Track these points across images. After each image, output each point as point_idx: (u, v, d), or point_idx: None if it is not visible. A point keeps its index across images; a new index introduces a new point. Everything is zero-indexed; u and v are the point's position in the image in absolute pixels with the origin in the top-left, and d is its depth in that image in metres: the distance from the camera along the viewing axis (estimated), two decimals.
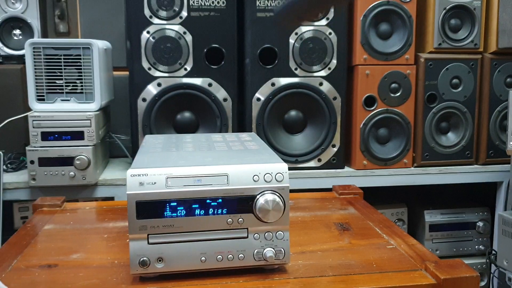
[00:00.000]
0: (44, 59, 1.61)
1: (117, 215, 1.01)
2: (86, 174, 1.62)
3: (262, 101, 1.74)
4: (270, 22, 1.72)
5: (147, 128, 1.70)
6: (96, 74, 1.63)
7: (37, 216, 1.00)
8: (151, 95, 1.69)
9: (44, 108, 1.63)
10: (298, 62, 1.75)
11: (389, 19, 1.81)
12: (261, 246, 0.71)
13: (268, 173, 0.70)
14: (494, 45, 1.86)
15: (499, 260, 1.66)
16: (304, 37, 1.74)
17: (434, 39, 1.83)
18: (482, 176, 1.91)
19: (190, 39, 1.70)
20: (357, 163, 1.83)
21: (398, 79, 1.82)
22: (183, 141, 0.91)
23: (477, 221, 2.01)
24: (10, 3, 1.88)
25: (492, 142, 1.92)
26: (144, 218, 0.67)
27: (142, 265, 0.68)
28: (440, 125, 1.89)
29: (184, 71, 1.70)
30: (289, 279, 0.71)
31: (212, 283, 0.69)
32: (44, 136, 1.59)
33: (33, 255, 0.80)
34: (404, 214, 2.02)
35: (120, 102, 1.93)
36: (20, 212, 1.94)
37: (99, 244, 0.85)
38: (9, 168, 1.79)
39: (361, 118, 1.81)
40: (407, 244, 0.85)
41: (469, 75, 1.87)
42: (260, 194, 0.70)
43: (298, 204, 1.10)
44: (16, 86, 1.83)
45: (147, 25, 1.67)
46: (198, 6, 1.68)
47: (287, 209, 0.71)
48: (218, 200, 0.69)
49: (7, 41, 1.89)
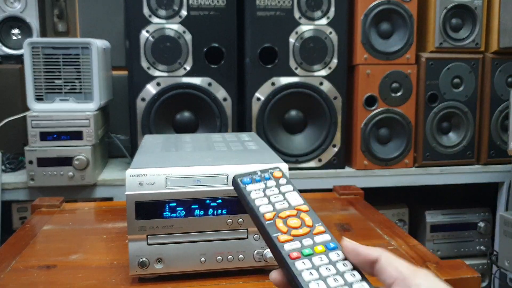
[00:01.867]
0: (43, 59, 1.61)
1: (116, 215, 1.01)
2: (85, 174, 1.61)
3: (262, 101, 1.73)
4: (270, 21, 1.71)
5: (146, 128, 1.69)
6: (95, 73, 1.62)
7: (35, 217, 0.99)
8: (151, 95, 1.69)
9: (43, 108, 1.62)
10: (299, 61, 1.74)
11: (390, 19, 1.81)
12: (261, 247, 0.70)
13: None
14: (495, 45, 1.86)
15: (500, 261, 1.66)
16: (305, 36, 1.74)
17: (435, 38, 1.82)
18: (483, 176, 1.90)
19: (190, 38, 1.69)
20: (358, 163, 1.82)
21: (399, 78, 1.81)
22: (183, 141, 0.91)
23: (478, 222, 2.00)
24: (9, 3, 1.87)
25: (493, 142, 1.91)
26: (143, 218, 0.67)
27: (141, 266, 0.67)
28: (441, 125, 1.89)
29: (183, 71, 1.70)
30: None
31: (211, 284, 0.69)
32: (42, 136, 1.59)
33: (31, 256, 0.79)
34: (405, 214, 2.01)
35: (119, 102, 1.92)
36: (19, 212, 1.94)
37: (98, 245, 0.84)
38: (8, 168, 1.78)
39: (362, 118, 1.80)
40: (408, 244, 0.84)
41: (470, 74, 1.86)
42: None
43: None
44: (14, 86, 1.82)
45: (146, 24, 1.67)
46: (198, 5, 1.68)
47: None
48: (218, 201, 0.68)
49: (5, 40, 1.88)
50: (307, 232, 0.44)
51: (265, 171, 0.50)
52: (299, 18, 1.73)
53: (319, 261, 0.42)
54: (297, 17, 1.72)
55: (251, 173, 0.49)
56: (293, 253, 0.42)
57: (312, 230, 0.44)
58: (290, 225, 0.44)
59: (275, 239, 0.43)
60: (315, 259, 0.42)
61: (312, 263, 0.41)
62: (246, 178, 0.49)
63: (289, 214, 0.45)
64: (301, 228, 0.44)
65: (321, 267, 0.41)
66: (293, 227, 0.44)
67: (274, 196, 0.47)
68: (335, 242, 0.44)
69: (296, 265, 0.41)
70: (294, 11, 1.72)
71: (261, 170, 0.50)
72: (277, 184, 0.49)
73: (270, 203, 0.47)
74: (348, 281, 0.40)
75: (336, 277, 0.41)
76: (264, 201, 0.47)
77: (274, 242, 0.43)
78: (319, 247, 0.43)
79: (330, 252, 0.43)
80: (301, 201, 0.47)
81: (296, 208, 0.46)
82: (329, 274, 0.41)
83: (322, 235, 0.44)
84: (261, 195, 0.47)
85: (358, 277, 0.41)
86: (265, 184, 0.49)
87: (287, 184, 0.49)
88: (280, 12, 1.71)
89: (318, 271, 0.41)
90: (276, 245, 0.43)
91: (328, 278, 0.40)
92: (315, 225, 0.45)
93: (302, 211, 0.46)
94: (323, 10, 1.74)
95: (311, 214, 0.46)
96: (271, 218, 0.45)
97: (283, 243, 0.43)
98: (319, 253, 0.42)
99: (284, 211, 0.46)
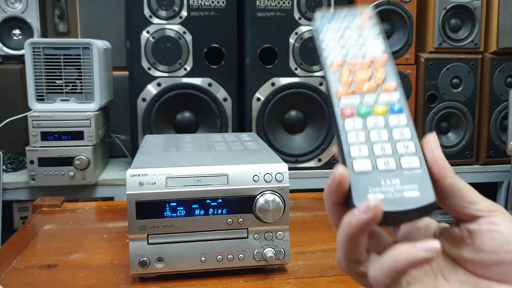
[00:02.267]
0: (43, 59, 1.61)
1: (116, 215, 1.01)
2: (85, 174, 1.62)
3: (262, 101, 1.74)
4: (270, 21, 1.72)
5: (147, 128, 1.70)
6: (96, 74, 1.63)
7: (36, 216, 0.99)
8: (151, 95, 1.69)
9: (44, 108, 1.63)
10: (298, 62, 1.75)
11: (389, 19, 1.81)
12: (261, 246, 0.71)
13: (268, 173, 0.70)
14: (494, 45, 1.86)
15: None
16: (304, 37, 1.74)
17: (435, 39, 1.83)
18: (483, 176, 1.91)
19: (190, 39, 1.69)
20: None
21: None
22: (183, 141, 0.91)
23: None
24: (10, 3, 1.88)
25: (492, 142, 1.91)
26: (144, 218, 0.67)
27: (142, 265, 0.68)
28: (441, 125, 1.89)
29: (184, 71, 1.70)
30: (289, 279, 0.71)
31: (212, 283, 0.69)
32: (43, 136, 1.59)
33: (32, 255, 0.79)
34: None
35: (120, 102, 1.92)
36: (20, 212, 1.94)
37: (98, 244, 0.84)
38: (9, 168, 1.79)
39: None
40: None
41: (469, 75, 1.87)
42: (260, 194, 0.69)
43: (298, 204, 1.09)
44: (15, 86, 1.83)
45: (147, 25, 1.67)
46: (198, 6, 1.68)
47: (287, 209, 0.70)
48: (218, 200, 0.69)
49: (6, 41, 1.89)
50: (373, 87, 0.37)
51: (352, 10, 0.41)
52: (299, 18, 1.73)
53: (373, 123, 0.36)
54: (297, 17, 1.73)
55: (336, 12, 0.40)
56: (347, 109, 0.36)
57: (381, 86, 0.37)
58: (358, 77, 0.37)
59: (334, 94, 0.37)
60: (370, 119, 0.36)
61: (364, 124, 0.36)
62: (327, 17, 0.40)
63: (362, 63, 0.38)
64: (368, 82, 0.37)
65: (373, 131, 0.35)
66: (360, 81, 0.37)
67: (352, 38, 0.39)
68: (402, 105, 0.36)
69: (345, 123, 0.36)
70: (294, 11, 1.72)
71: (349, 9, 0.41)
72: (361, 25, 0.40)
73: (344, 47, 0.39)
74: (398, 152, 0.35)
75: (384, 145, 0.35)
76: (338, 44, 0.39)
77: (332, 97, 0.37)
78: (380, 107, 0.36)
79: (391, 115, 0.36)
80: (382, 47, 0.38)
81: (373, 56, 0.38)
82: (378, 140, 0.35)
83: (390, 93, 0.37)
84: (338, 36, 0.39)
85: (412, 149, 0.35)
86: (348, 24, 0.40)
87: (372, 27, 0.40)
88: (280, 13, 1.72)
89: (368, 134, 0.35)
90: (332, 101, 0.37)
91: (376, 144, 0.35)
92: (388, 80, 0.37)
93: (379, 61, 0.38)
94: None
95: (388, 66, 0.38)
96: (339, 66, 0.38)
97: (340, 98, 0.37)
98: (378, 115, 0.36)
99: (356, 58, 0.38)
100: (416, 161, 0.34)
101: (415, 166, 0.34)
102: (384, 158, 0.34)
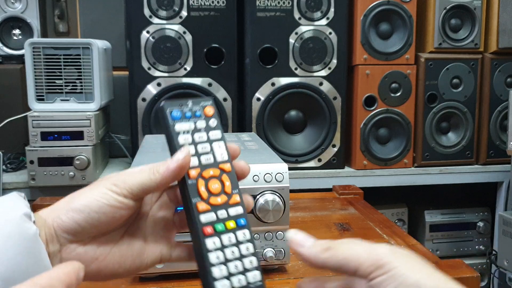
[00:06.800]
0: (43, 59, 1.61)
1: None
2: (85, 174, 1.62)
3: (262, 101, 1.74)
4: (270, 21, 1.72)
5: (147, 128, 1.70)
6: (96, 74, 1.63)
7: None
8: (151, 95, 1.69)
9: (44, 108, 1.63)
10: (298, 62, 1.75)
11: (389, 19, 1.81)
12: (261, 246, 0.71)
13: (268, 173, 0.70)
14: (494, 45, 1.86)
15: (499, 260, 1.66)
16: (304, 37, 1.74)
17: (435, 39, 1.83)
18: (483, 176, 1.91)
19: (190, 38, 1.69)
20: (357, 163, 1.82)
21: (398, 79, 1.81)
22: None
23: (478, 221, 2.00)
24: (10, 3, 1.88)
25: (492, 142, 1.91)
26: None
27: None
28: (441, 125, 1.89)
29: (184, 71, 1.70)
30: (289, 279, 0.71)
31: None
32: (43, 136, 1.59)
33: None
34: (405, 214, 2.01)
35: (120, 102, 1.92)
36: None
37: None
38: (9, 168, 1.79)
39: (361, 118, 1.81)
40: (407, 244, 0.84)
41: (469, 75, 1.87)
42: (260, 194, 0.69)
43: (298, 204, 1.09)
44: (15, 86, 1.82)
45: (146, 24, 1.67)
46: (198, 5, 1.68)
47: (287, 209, 0.70)
48: None
49: (6, 41, 1.89)
50: (224, 201, 0.44)
51: (196, 102, 0.46)
52: (299, 18, 1.73)
53: (228, 241, 0.43)
54: (297, 17, 1.73)
55: (182, 104, 0.45)
56: (207, 228, 0.42)
57: (229, 198, 0.44)
58: (211, 189, 0.44)
59: (194, 207, 0.43)
60: (224, 237, 0.43)
61: (221, 242, 0.42)
62: (176, 111, 0.45)
63: (212, 175, 0.44)
64: (220, 196, 0.44)
65: (227, 249, 0.42)
66: (213, 193, 0.44)
67: (201, 145, 0.45)
68: (245, 218, 0.44)
69: (207, 243, 0.42)
70: (294, 11, 1.72)
71: (193, 101, 0.46)
72: (206, 127, 0.45)
73: (197, 154, 0.44)
74: (246, 267, 0.43)
75: (236, 263, 0.42)
76: (191, 151, 0.44)
77: (193, 208, 0.43)
78: (231, 223, 0.43)
79: (238, 231, 0.43)
80: (226, 156, 0.45)
81: (220, 166, 0.45)
82: (231, 258, 0.42)
83: (236, 207, 0.44)
84: (189, 141, 0.45)
85: (255, 264, 0.43)
86: (195, 124, 0.45)
87: (216, 130, 0.46)
88: (280, 13, 1.72)
89: (224, 253, 0.42)
90: (194, 213, 0.43)
91: (230, 262, 0.42)
92: (233, 192, 0.44)
93: (225, 171, 0.45)
94: (323, 11, 1.74)
95: (231, 176, 0.45)
96: (195, 176, 0.44)
97: (200, 213, 0.43)
98: (230, 230, 0.43)
99: (208, 169, 0.44)
100: (258, 275, 0.43)
101: (257, 279, 0.43)
102: (237, 276, 0.42)
